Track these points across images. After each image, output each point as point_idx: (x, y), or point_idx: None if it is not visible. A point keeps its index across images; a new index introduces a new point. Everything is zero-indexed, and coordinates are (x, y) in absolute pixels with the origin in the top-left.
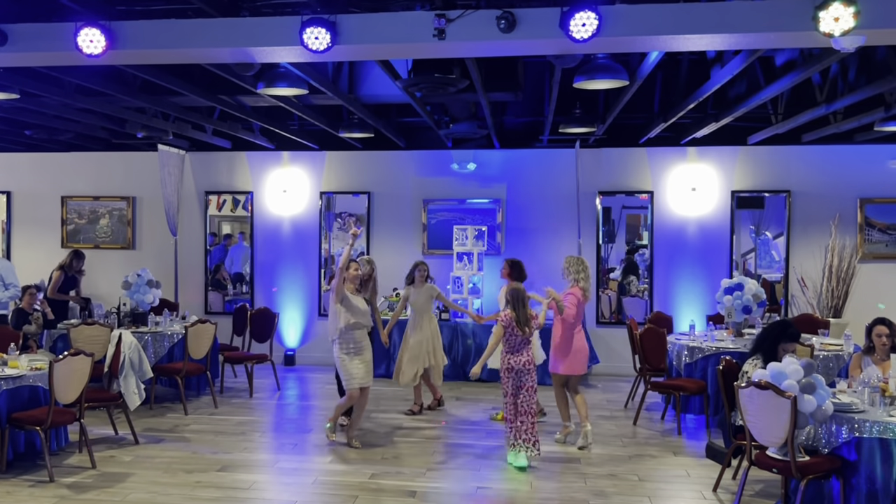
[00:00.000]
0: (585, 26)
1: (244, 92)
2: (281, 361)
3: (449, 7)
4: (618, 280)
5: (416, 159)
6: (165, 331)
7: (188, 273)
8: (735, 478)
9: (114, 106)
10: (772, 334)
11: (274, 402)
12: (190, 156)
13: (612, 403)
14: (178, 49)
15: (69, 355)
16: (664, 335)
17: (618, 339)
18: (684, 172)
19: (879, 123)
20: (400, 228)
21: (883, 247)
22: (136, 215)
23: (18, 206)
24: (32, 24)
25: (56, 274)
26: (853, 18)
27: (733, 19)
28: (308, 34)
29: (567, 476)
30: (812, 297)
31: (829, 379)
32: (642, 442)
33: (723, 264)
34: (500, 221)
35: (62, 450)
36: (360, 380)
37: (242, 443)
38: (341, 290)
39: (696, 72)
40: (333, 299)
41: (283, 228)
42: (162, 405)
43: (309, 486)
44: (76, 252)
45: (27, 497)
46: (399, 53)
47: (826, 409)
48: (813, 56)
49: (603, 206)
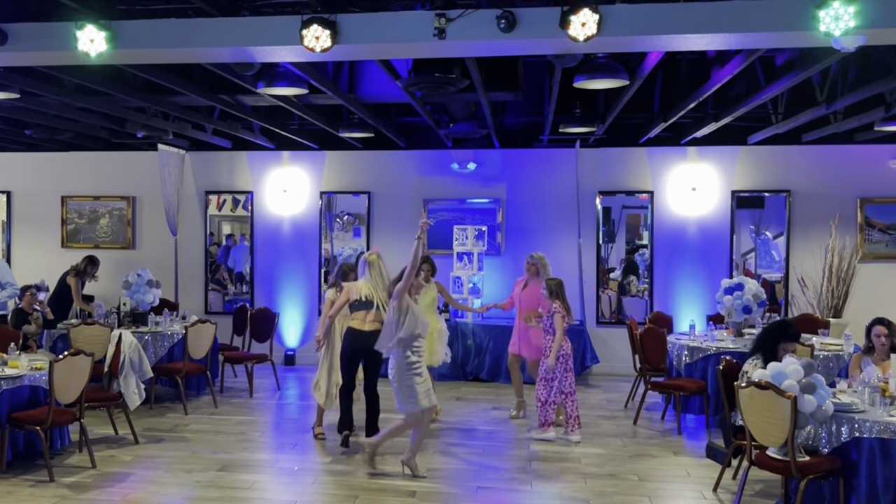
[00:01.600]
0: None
1: (244, 91)
2: (281, 361)
3: (449, 6)
4: (618, 280)
5: (416, 159)
6: (165, 331)
7: (188, 273)
8: (735, 478)
9: (114, 105)
10: (772, 334)
11: (274, 402)
12: (190, 155)
13: (612, 403)
14: (178, 48)
15: (69, 355)
16: (664, 335)
17: (618, 339)
18: (684, 172)
19: (879, 123)
20: (400, 228)
21: (883, 247)
22: (136, 215)
23: (18, 206)
24: (32, 24)
25: (73, 281)
26: (853, 18)
27: (733, 19)
28: (308, 34)
29: (567, 476)
30: (812, 297)
31: (830, 379)
32: (642, 442)
33: (723, 264)
34: (500, 221)
35: (62, 450)
36: (431, 398)
37: (242, 443)
38: (406, 297)
39: (696, 71)
40: (395, 306)
41: (283, 228)
42: (162, 405)
43: (309, 486)
44: (91, 258)
45: (27, 497)
46: (399, 53)
47: (826, 409)
48: (813, 56)
49: (603, 205)
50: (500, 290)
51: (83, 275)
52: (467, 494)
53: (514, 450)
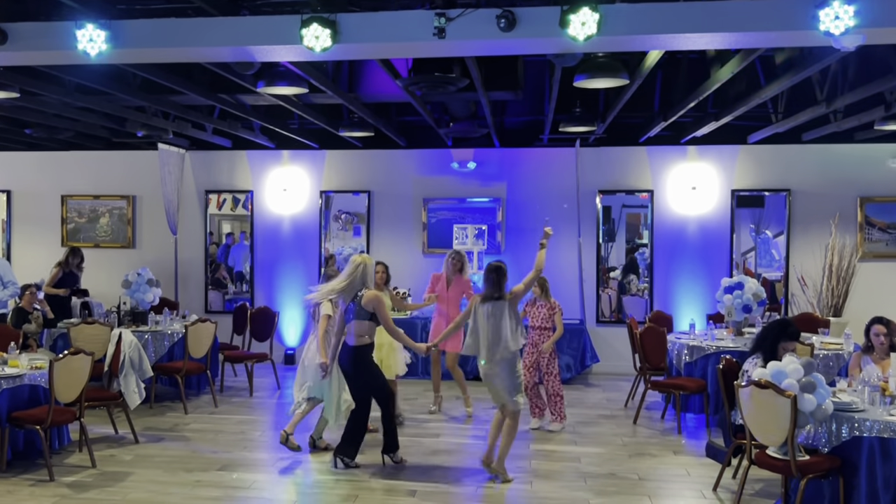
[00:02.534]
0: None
1: (244, 91)
2: (281, 360)
3: (449, 6)
4: (618, 279)
5: (416, 158)
6: (165, 330)
7: (188, 272)
8: (735, 477)
9: (114, 105)
10: (772, 333)
11: (274, 402)
12: (190, 154)
13: (612, 403)
14: (178, 48)
15: (69, 354)
16: (664, 334)
17: (618, 338)
18: (684, 171)
19: (879, 122)
20: (400, 227)
21: (883, 245)
22: (137, 214)
23: (18, 205)
24: (32, 24)
25: (54, 270)
26: (853, 18)
27: (733, 19)
28: (308, 33)
29: (567, 475)
30: (812, 295)
31: (829, 378)
32: (642, 441)
33: (723, 263)
34: (500, 220)
35: (62, 449)
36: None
37: (242, 442)
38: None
39: (696, 70)
40: (515, 306)
41: (283, 227)
42: (162, 404)
43: (309, 486)
44: (73, 249)
45: (27, 496)
46: (399, 52)
47: (826, 408)
48: (813, 55)
49: (603, 204)
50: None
51: (65, 266)
52: (467, 494)
53: (514, 449)
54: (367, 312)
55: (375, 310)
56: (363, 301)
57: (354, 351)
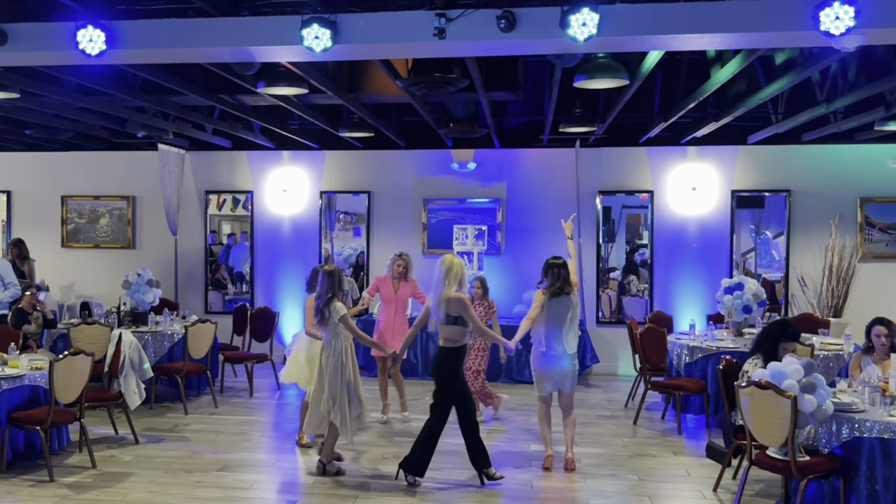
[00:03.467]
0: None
1: (244, 91)
2: (281, 361)
3: (449, 6)
4: (618, 280)
5: (416, 159)
6: (165, 330)
7: (188, 272)
8: (735, 477)
9: (114, 105)
10: (772, 334)
11: (274, 402)
12: (190, 155)
13: (612, 403)
14: (178, 48)
15: (69, 355)
16: (664, 335)
17: (618, 339)
18: (684, 172)
19: (879, 123)
20: (400, 228)
21: (883, 246)
22: (136, 215)
23: (18, 206)
24: (32, 24)
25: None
26: (853, 18)
27: (733, 19)
28: (308, 34)
29: (567, 476)
30: (812, 296)
31: (830, 378)
32: (642, 442)
33: (723, 264)
34: (500, 221)
35: (62, 449)
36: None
37: (242, 442)
38: None
39: (696, 71)
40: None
41: (283, 228)
42: (162, 405)
43: (309, 486)
44: (13, 240)
45: (27, 497)
46: (399, 53)
47: (826, 408)
48: (813, 55)
49: (603, 205)
50: (499, 290)
51: (9, 255)
52: (467, 494)
53: (515, 449)
54: (452, 317)
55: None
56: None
57: (438, 352)
